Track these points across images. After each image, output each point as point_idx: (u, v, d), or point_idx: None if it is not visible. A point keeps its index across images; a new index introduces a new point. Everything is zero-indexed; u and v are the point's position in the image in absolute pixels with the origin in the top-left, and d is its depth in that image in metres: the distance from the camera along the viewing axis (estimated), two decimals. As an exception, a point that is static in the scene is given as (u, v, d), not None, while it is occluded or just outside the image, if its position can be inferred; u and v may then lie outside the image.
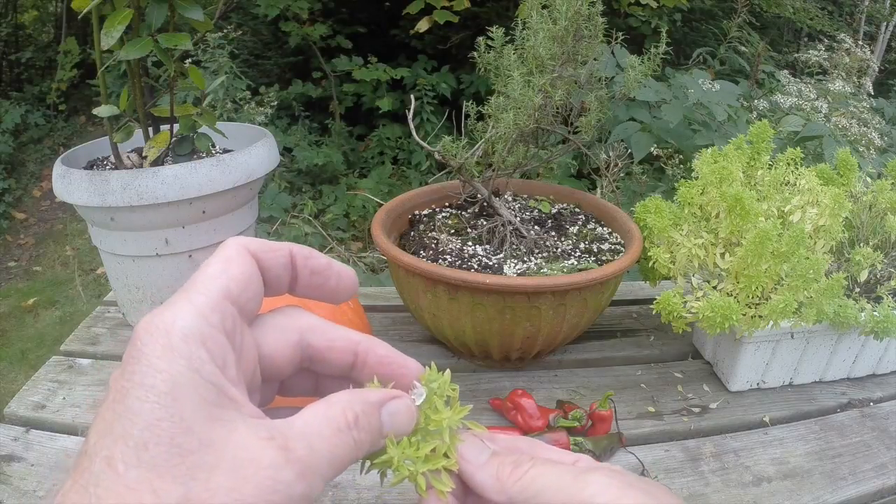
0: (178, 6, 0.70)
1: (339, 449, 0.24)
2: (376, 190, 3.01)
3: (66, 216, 3.49)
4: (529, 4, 0.74)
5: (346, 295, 0.29)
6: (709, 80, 1.64)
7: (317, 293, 0.28)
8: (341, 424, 0.24)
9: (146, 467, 0.20)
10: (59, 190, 0.72)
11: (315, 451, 0.23)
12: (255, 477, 0.21)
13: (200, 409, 0.21)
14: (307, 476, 0.22)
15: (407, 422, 0.26)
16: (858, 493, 0.61)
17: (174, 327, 0.22)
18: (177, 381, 0.21)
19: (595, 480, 0.25)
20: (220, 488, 0.20)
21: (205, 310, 0.23)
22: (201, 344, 0.22)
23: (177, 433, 0.20)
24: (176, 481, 0.20)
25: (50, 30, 4.91)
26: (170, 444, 0.20)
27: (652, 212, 0.75)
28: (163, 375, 0.21)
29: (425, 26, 2.86)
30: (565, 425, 0.64)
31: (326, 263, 0.28)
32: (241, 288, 0.25)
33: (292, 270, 0.27)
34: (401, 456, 0.26)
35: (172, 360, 0.21)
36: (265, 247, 0.26)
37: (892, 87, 3.89)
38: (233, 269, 0.25)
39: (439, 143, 0.75)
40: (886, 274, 0.74)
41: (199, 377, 0.21)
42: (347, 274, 0.29)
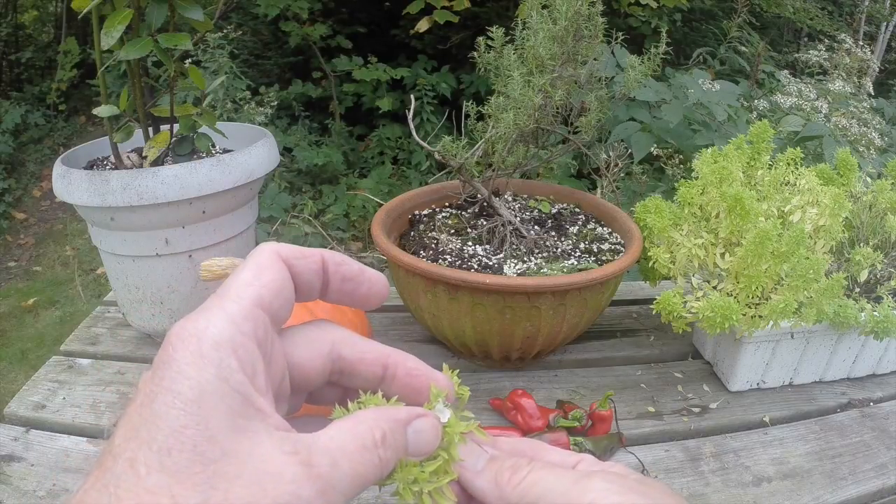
0: (178, 6, 0.70)
1: (362, 467, 0.23)
2: (376, 190, 3.01)
3: (66, 216, 3.49)
4: (529, 4, 0.74)
5: (378, 300, 0.29)
6: (709, 80, 1.64)
7: (347, 299, 0.28)
8: (368, 442, 0.24)
9: (167, 473, 0.20)
10: (59, 190, 0.72)
11: (338, 469, 0.22)
12: (274, 491, 0.21)
13: (226, 418, 0.21)
14: (328, 493, 0.22)
15: (432, 440, 0.26)
16: (858, 493, 0.61)
17: (206, 334, 0.22)
18: (204, 389, 0.21)
19: (595, 486, 0.25)
20: (238, 499, 0.20)
21: (237, 317, 0.23)
22: (232, 352, 0.22)
23: (200, 441, 0.20)
24: (196, 489, 0.20)
25: (50, 30, 4.91)
26: (192, 452, 0.20)
27: (652, 212, 0.75)
28: (191, 382, 0.21)
29: (425, 26, 2.86)
30: (565, 425, 0.64)
31: (358, 270, 0.28)
32: (273, 295, 0.25)
33: (324, 277, 0.27)
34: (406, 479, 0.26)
35: (202, 368, 0.21)
36: (297, 253, 0.26)
37: (892, 87, 3.89)
38: (265, 276, 0.25)
39: (439, 143, 0.75)
40: (886, 274, 0.74)
41: (228, 386, 0.21)
42: (378, 279, 0.29)
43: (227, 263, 0.65)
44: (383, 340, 0.86)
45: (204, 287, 0.77)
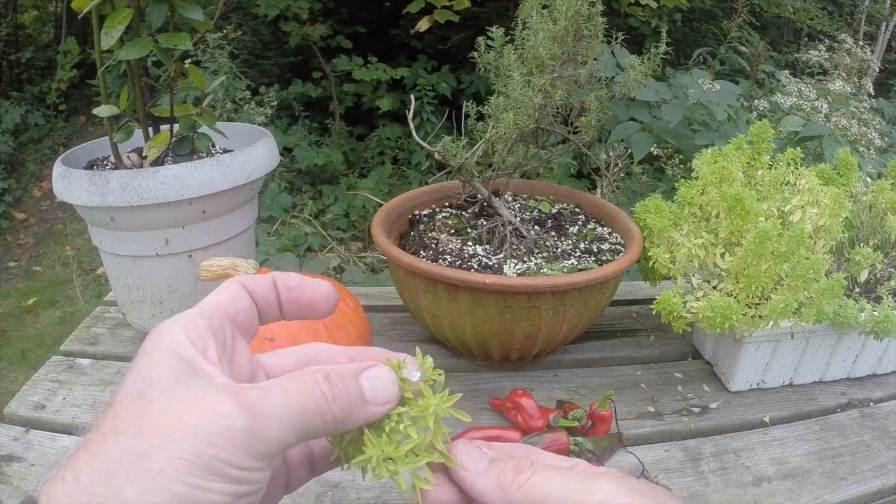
0: (178, 6, 0.70)
1: (299, 395, 0.25)
2: (376, 190, 3.01)
3: (66, 216, 3.49)
4: (529, 4, 0.74)
5: (325, 305, 0.32)
6: (709, 80, 1.64)
7: (297, 308, 0.32)
8: (307, 378, 0.26)
9: (115, 418, 0.24)
10: (59, 190, 0.72)
11: (267, 395, 0.25)
12: (198, 410, 0.23)
13: (169, 373, 0.25)
14: (253, 411, 0.24)
15: (388, 386, 0.28)
16: (858, 493, 0.61)
17: (164, 327, 0.27)
18: (154, 357, 0.25)
19: (602, 487, 0.25)
20: (167, 422, 0.23)
21: (192, 316, 0.28)
22: (182, 332, 0.26)
23: (144, 389, 0.24)
24: (134, 422, 0.23)
25: (50, 30, 4.91)
26: (137, 398, 0.24)
27: (652, 212, 0.75)
28: (145, 356, 0.26)
29: (426, 26, 2.86)
30: (565, 425, 0.64)
31: (300, 279, 0.32)
32: (229, 303, 0.29)
33: (276, 292, 0.31)
34: (379, 455, 0.26)
35: (155, 345, 0.26)
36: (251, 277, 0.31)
37: (892, 87, 3.89)
38: (222, 293, 0.30)
39: (439, 143, 0.75)
40: (886, 274, 0.74)
41: (175, 354, 0.25)
42: (320, 285, 0.32)
43: (227, 263, 0.65)
44: (384, 340, 0.85)
45: (204, 287, 0.77)
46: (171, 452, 0.22)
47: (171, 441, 0.23)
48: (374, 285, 1.72)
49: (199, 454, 0.23)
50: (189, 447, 0.23)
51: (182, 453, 0.22)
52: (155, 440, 0.23)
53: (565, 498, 0.25)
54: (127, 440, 0.23)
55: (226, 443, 0.23)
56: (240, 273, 0.64)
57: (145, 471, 0.22)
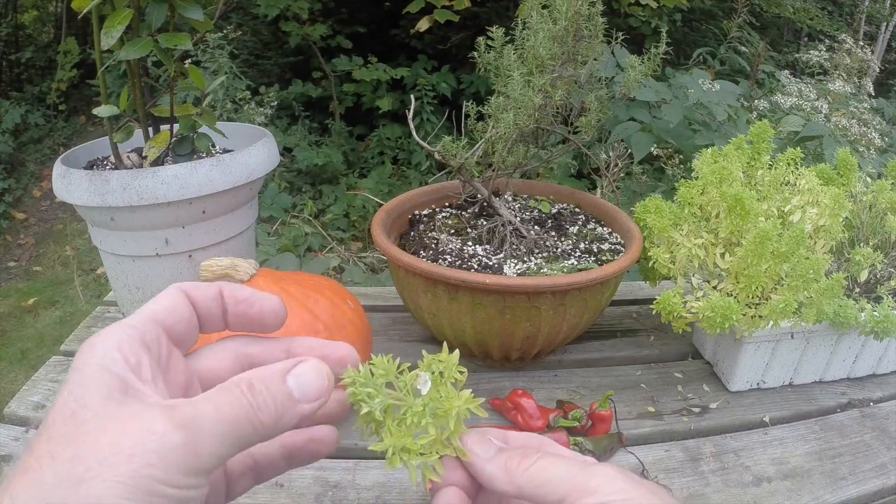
0: (178, 6, 0.70)
1: (227, 406, 0.25)
2: (376, 190, 3.01)
3: (66, 216, 3.49)
4: (529, 4, 0.74)
5: (273, 320, 0.31)
6: (709, 80, 1.64)
7: (245, 321, 0.31)
8: (234, 389, 0.26)
9: (48, 440, 0.23)
10: (59, 190, 0.72)
11: (198, 409, 0.25)
12: (132, 430, 0.23)
13: (101, 392, 0.24)
14: (187, 428, 0.24)
15: (317, 383, 0.28)
16: (858, 493, 0.61)
17: (97, 340, 0.26)
18: (86, 374, 0.25)
19: (602, 472, 0.27)
20: (104, 444, 0.23)
21: (125, 326, 0.27)
22: (116, 348, 0.26)
23: (76, 409, 0.24)
24: (69, 445, 0.23)
25: (50, 30, 4.91)
26: (69, 418, 0.24)
27: (652, 212, 0.75)
28: (78, 374, 0.25)
29: (426, 25, 2.86)
30: (565, 425, 0.64)
31: (250, 292, 0.31)
32: (167, 313, 0.29)
33: (222, 303, 0.31)
34: (396, 445, 0.27)
35: (86, 362, 0.25)
36: (195, 284, 0.31)
37: (892, 87, 3.89)
38: (161, 300, 0.29)
39: (439, 143, 0.75)
40: (886, 274, 0.74)
41: (107, 371, 0.25)
42: (269, 300, 0.31)
43: (227, 263, 0.65)
44: (384, 340, 0.85)
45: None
46: (107, 475, 0.22)
47: (107, 465, 0.22)
48: (374, 285, 1.72)
49: (134, 475, 0.22)
50: (125, 469, 0.22)
51: (119, 476, 0.22)
52: (92, 464, 0.22)
53: (566, 481, 0.27)
54: (63, 465, 0.22)
55: (161, 462, 0.23)
56: (240, 273, 0.64)
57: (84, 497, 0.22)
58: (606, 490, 0.26)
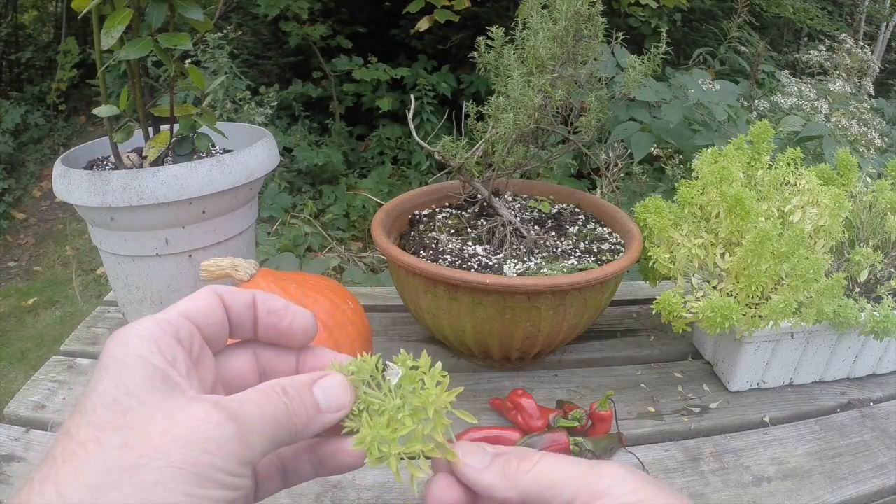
0: (178, 6, 0.70)
1: (269, 407, 0.26)
2: (376, 190, 3.01)
3: (66, 216, 3.49)
4: (529, 4, 0.74)
5: (303, 335, 0.32)
6: (709, 80, 1.64)
7: (274, 333, 0.31)
8: (269, 392, 0.27)
9: (92, 426, 0.23)
10: (59, 190, 0.72)
11: (244, 407, 0.25)
12: (185, 420, 0.23)
13: (144, 380, 0.25)
14: (237, 420, 0.24)
15: (341, 395, 0.28)
16: (858, 493, 0.61)
17: (132, 332, 0.26)
18: (125, 363, 0.25)
19: (612, 472, 0.25)
20: (154, 433, 0.23)
21: (160, 321, 0.27)
22: (153, 342, 0.26)
23: (119, 395, 0.24)
24: (116, 432, 0.23)
25: (50, 30, 4.91)
26: (113, 405, 0.24)
27: (652, 212, 0.75)
28: (116, 363, 0.25)
29: (426, 25, 2.86)
30: (565, 425, 0.64)
31: (283, 304, 0.31)
32: (201, 313, 0.29)
33: (254, 311, 0.31)
34: (374, 436, 0.27)
35: (126, 352, 0.25)
36: (230, 290, 0.31)
37: (892, 87, 3.89)
38: (197, 300, 0.30)
39: (439, 143, 0.75)
40: (886, 274, 0.74)
41: (148, 363, 0.25)
42: (302, 314, 0.31)
43: (227, 263, 0.65)
44: (384, 340, 0.85)
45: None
46: (164, 462, 0.22)
47: (162, 451, 0.22)
48: (374, 285, 1.72)
49: (193, 462, 0.23)
50: (183, 456, 0.23)
51: (176, 462, 0.22)
52: (144, 451, 0.22)
53: (575, 481, 0.25)
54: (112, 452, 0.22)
55: (218, 449, 0.23)
56: (240, 273, 0.64)
57: (140, 483, 0.22)
58: (618, 492, 0.25)
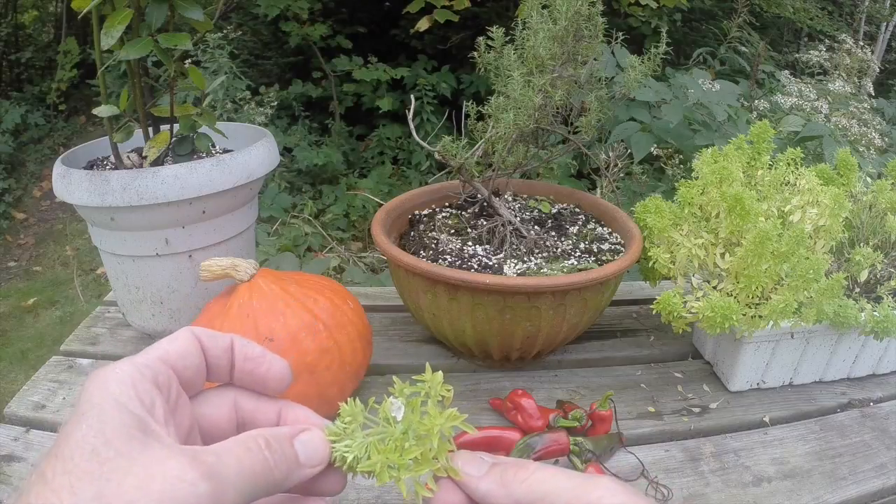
0: (178, 6, 0.70)
1: (248, 462, 0.26)
2: (376, 190, 3.01)
3: (66, 216, 3.49)
4: (529, 4, 0.74)
5: (277, 383, 0.32)
6: (709, 80, 1.64)
7: (249, 379, 0.31)
8: (251, 444, 0.27)
9: (69, 474, 0.23)
10: (59, 190, 0.72)
11: (222, 460, 0.25)
12: (160, 476, 0.23)
13: (122, 429, 0.24)
14: (213, 478, 0.24)
15: (320, 450, 0.29)
16: (858, 492, 0.61)
17: (111, 375, 0.26)
18: (105, 410, 0.25)
19: (604, 485, 0.26)
20: (129, 486, 0.23)
21: (140, 365, 0.27)
22: (131, 387, 0.26)
23: (98, 445, 0.24)
24: (92, 483, 0.23)
25: (50, 30, 4.91)
26: (91, 454, 0.23)
27: (652, 212, 0.75)
28: (95, 408, 0.25)
29: (426, 25, 2.86)
30: (565, 425, 0.64)
31: (261, 352, 0.31)
32: (179, 356, 0.29)
33: (231, 356, 0.31)
34: (384, 462, 0.27)
35: (105, 397, 0.25)
36: (209, 333, 0.31)
37: (892, 87, 3.89)
38: (175, 343, 0.29)
39: (439, 143, 0.75)
40: (886, 274, 0.74)
41: (126, 409, 0.25)
42: (278, 363, 0.32)
43: (227, 263, 0.65)
44: (383, 340, 0.85)
45: (204, 287, 0.77)
46: None
47: None
48: (374, 285, 1.72)
49: None
50: None
51: None
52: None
53: (567, 492, 0.26)
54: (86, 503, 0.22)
55: None
56: (240, 273, 0.64)
57: None
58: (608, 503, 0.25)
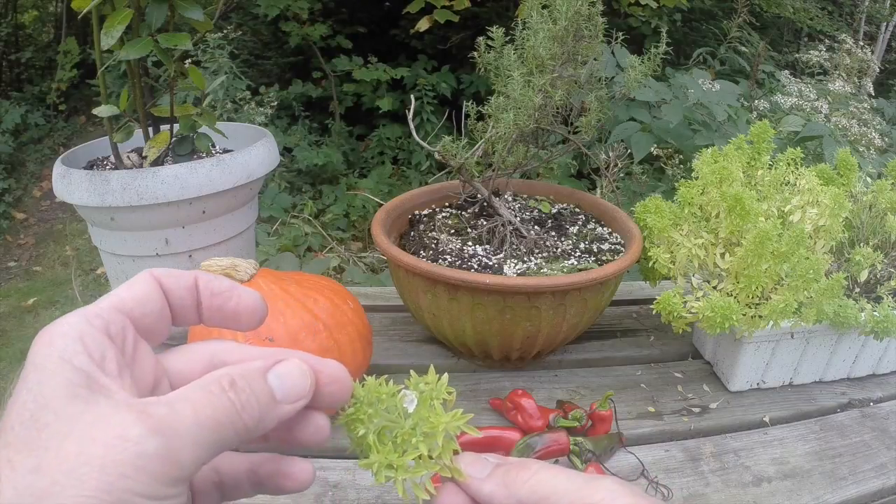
0: (178, 6, 0.70)
1: (209, 408, 0.23)
2: (376, 190, 3.01)
3: (66, 216, 3.49)
4: (529, 4, 0.74)
5: (250, 317, 0.29)
6: (709, 80, 1.64)
7: (220, 316, 0.29)
8: (213, 388, 0.24)
9: (7, 446, 0.21)
10: (59, 190, 0.72)
11: (176, 410, 0.23)
12: (102, 437, 0.21)
13: (63, 388, 0.22)
14: (163, 432, 0.22)
15: (300, 383, 0.26)
16: (858, 492, 0.61)
17: (56, 329, 0.24)
18: (46, 369, 0.22)
19: (605, 486, 0.26)
20: (69, 454, 0.21)
21: (89, 315, 0.24)
22: (78, 339, 0.23)
23: (35, 410, 0.21)
24: (31, 454, 0.21)
25: (50, 30, 4.91)
26: (29, 421, 0.21)
27: (652, 212, 0.75)
28: (37, 370, 0.23)
29: (425, 25, 2.86)
30: (565, 425, 0.64)
31: (229, 285, 0.29)
32: (136, 302, 0.26)
33: (196, 294, 0.28)
34: (382, 461, 0.27)
35: (47, 355, 0.23)
36: (170, 272, 0.28)
37: (892, 87, 3.89)
38: (133, 287, 0.27)
39: (439, 143, 0.75)
40: (886, 274, 0.74)
41: (70, 365, 0.23)
42: (249, 295, 0.29)
43: (227, 263, 0.65)
44: (383, 340, 0.85)
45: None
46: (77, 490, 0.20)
47: (76, 476, 0.20)
48: (374, 285, 1.72)
49: (108, 489, 0.20)
50: (97, 482, 0.20)
51: (91, 490, 0.20)
52: (57, 476, 0.20)
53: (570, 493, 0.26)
54: (24, 477, 0.20)
55: (138, 472, 0.21)
56: (240, 273, 0.64)
57: None
58: None
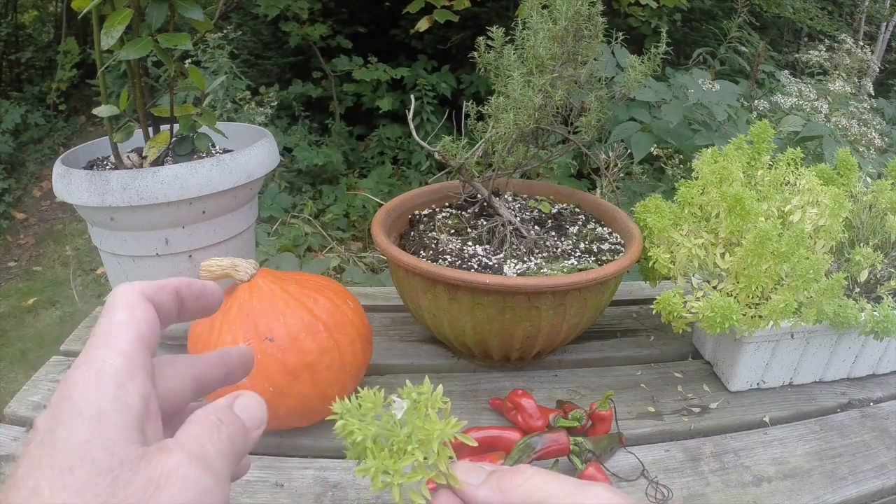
0: (178, 6, 0.70)
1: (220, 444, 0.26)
2: (376, 190, 3.01)
3: (66, 216, 3.49)
4: (529, 4, 0.74)
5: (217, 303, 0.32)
6: (709, 80, 1.64)
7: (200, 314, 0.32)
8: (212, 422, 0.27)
9: (70, 490, 0.21)
10: (59, 190, 0.72)
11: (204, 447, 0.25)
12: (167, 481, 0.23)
13: (123, 432, 0.23)
14: (210, 468, 0.24)
15: (257, 412, 0.29)
16: (858, 492, 0.61)
17: (105, 366, 0.25)
18: (103, 408, 0.23)
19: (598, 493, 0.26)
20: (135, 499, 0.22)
21: (128, 352, 0.25)
22: (130, 379, 0.25)
23: (99, 454, 0.22)
24: (97, 499, 0.21)
25: (50, 30, 4.91)
26: (92, 465, 0.22)
27: (652, 212, 0.75)
28: (91, 405, 0.23)
29: (425, 25, 2.86)
30: (565, 425, 0.64)
31: (201, 285, 0.31)
32: (149, 331, 0.27)
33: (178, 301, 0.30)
34: (378, 467, 0.27)
35: (101, 392, 0.24)
36: (155, 287, 0.29)
37: (892, 87, 3.89)
38: (139, 315, 0.27)
39: (439, 143, 0.75)
40: (886, 274, 0.74)
41: (126, 407, 0.24)
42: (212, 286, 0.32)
43: (227, 263, 0.65)
44: (383, 340, 0.86)
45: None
46: None
47: None
48: (374, 285, 1.72)
49: None
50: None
51: None
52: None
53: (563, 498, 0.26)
54: None
55: None
56: (240, 273, 0.64)
57: None
58: None
